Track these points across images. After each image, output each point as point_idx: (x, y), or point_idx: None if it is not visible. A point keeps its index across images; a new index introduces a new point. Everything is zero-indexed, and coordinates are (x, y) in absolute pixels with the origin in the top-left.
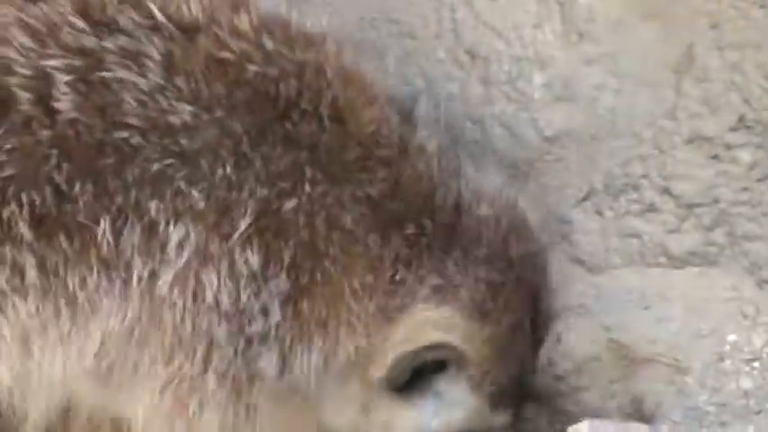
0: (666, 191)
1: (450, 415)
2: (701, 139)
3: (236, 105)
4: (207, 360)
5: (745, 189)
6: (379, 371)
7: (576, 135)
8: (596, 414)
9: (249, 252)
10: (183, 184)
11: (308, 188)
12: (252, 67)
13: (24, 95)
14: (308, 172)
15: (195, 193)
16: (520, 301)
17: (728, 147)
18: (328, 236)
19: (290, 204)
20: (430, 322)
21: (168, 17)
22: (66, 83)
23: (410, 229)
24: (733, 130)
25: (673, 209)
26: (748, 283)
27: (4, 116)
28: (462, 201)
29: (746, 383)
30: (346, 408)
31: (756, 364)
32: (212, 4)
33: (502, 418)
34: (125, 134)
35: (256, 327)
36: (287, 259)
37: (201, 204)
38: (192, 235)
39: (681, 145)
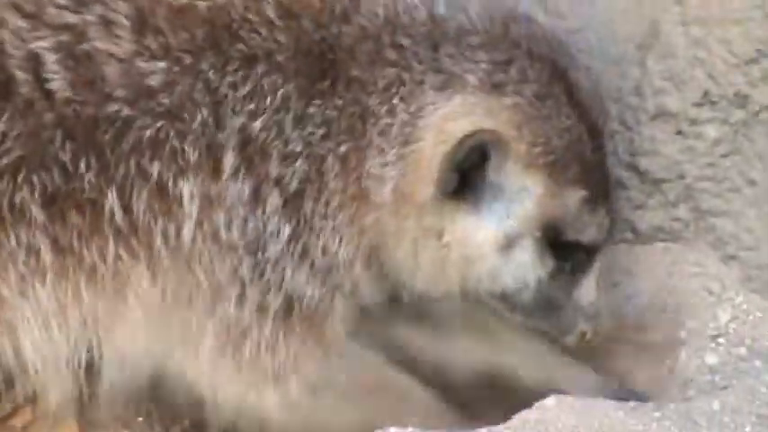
0: (632, 167)
1: (521, 206)
2: (666, 114)
3: (200, 46)
4: (242, 299)
5: (710, 165)
6: (425, 191)
7: None
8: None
9: (240, 183)
10: (175, 142)
11: (269, 100)
12: (203, 4)
13: (23, 77)
14: (267, 81)
15: (186, 146)
16: (538, 72)
17: (693, 122)
18: (301, 132)
19: (258, 124)
20: (448, 116)
21: None
22: (55, 61)
23: (391, 54)
24: (698, 105)
25: (638, 185)
26: (713, 258)
27: (8, 100)
28: (435, 11)
29: (712, 359)
30: (421, 252)
31: (722, 340)
32: None
33: (576, 194)
34: (115, 107)
35: (271, 249)
36: (274, 174)
37: (195, 155)
38: (197, 185)
39: (646, 121)
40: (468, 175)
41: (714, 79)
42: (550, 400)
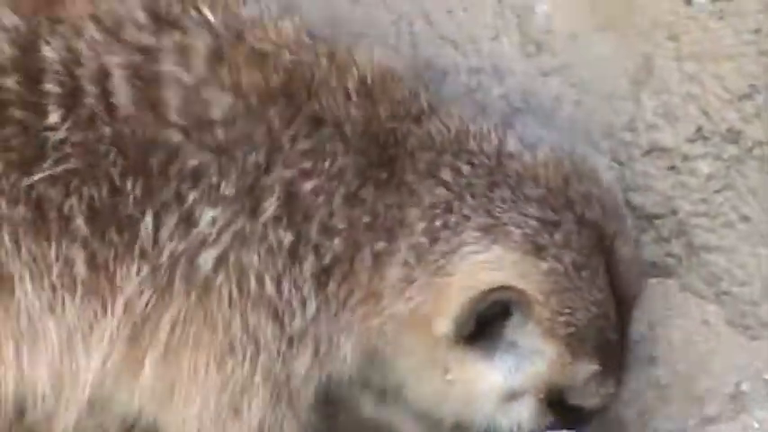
0: (625, 202)
1: (532, 366)
2: (659, 150)
3: (270, 92)
4: (254, 362)
5: (703, 200)
6: (442, 326)
7: None
8: None
9: (281, 231)
10: (215, 178)
11: (326, 164)
12: (288, 56)
13: (91, 89)
14: (329, 146)
15: (227, 182)
16: (584, 240)
17: (686, 158)
18: (348, 211)
19: (309, 185)
20: (482, 265)
21: (220, 17)
22: (123, 78)
23: (446, 175)
24: (691, 141)
25: (631, 220)
26: (707, 294)
27: (73, 109)
28: (504, 147)
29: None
30: (423, 375)
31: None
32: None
33: (588, 367)
34: (170, 132)
35: (296, 324)
36: (314, 239)
37: (233, 191)
38: (225, 217)
39: (639, 156)
40: (486, 323)
41: (707, 115)
42: None
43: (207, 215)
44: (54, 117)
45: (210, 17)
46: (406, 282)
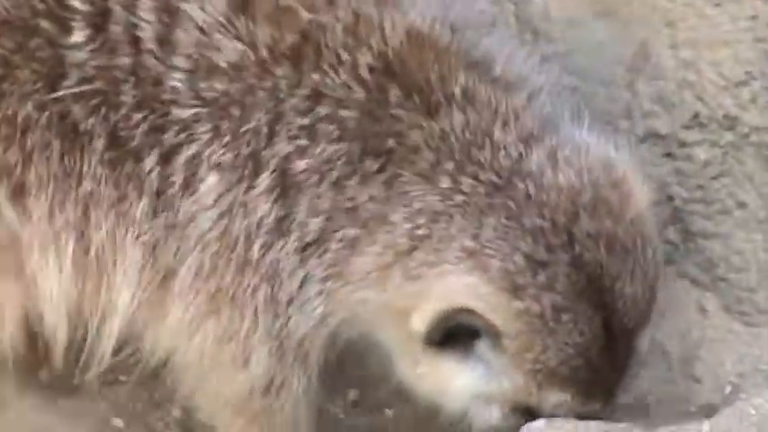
0: None
1: (500, 384)
2: (655, 137)
3: (282, 51)
4: (254, 323)
5: (699, 187)
6: (415, 324)
7: None
8: None
9: (272, 204)
10: (210, 134)
11: (319, 149)
12: (306, 15)
13: (120, 15)
14: (322, 128)
15: (221, 145)
16: (572, 282)
17: (683, 145)
18: (333, 194)
19: (302, 164)
20: (458, 286)
21: None
22: (152, 9)
23: (444, 183)
24: (687, 127)
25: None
26: (703, 281)
27: (99, 32)
28: (521, 164)
29: None
30: (399, 359)
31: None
32: None
33: (558, 395)
34: (175, 75)
35: (285, 291)
36: (300, 217)
37: (230, 157)
38: (223, 184)
39: (636, 143)
40: (460, 334)
41: (704, 101)
42: (540, 423)
43: (208, 179)
44: (78, 36)
45: None
46: (380, 274)
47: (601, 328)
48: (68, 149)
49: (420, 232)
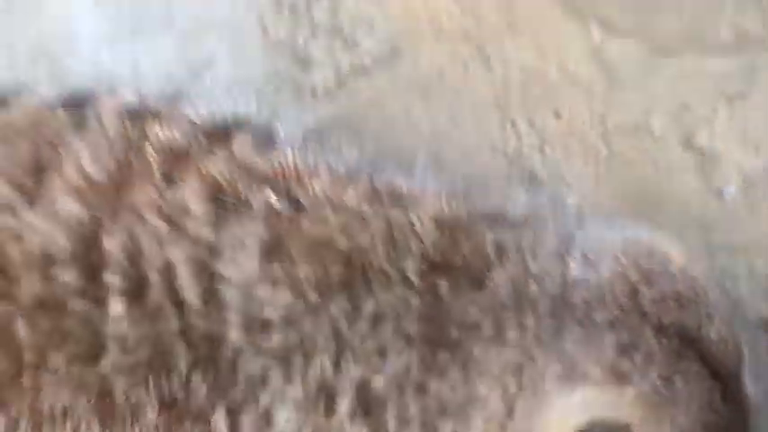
0: None
1: None
2: None
3: (330, 285)
4: None
5: None
6: None
7: None
8: None
9: (357, 426)
10: (280, 381)
11: (390, 364)
12: (345, 242)
13: (157, 282)
14: (391, 345)
15: (293, 386)
16: (666, 348)
17: None
18: (420, 401)
19: (380, 380)
20: (570, 410)
21: (289, 196)
22: (189, 273)
23: (511, 335)
24: None
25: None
26: None
27: (137, 301)
28: (566, 279)
29: None
30: None
31: None
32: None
33: None
34: (232, 332)
35: None
36: (391, 429)
37: (300, 394)
38: (299, 417)
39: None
40: None
41: None
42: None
43: (282, 415)
44: (116, 309)
45: (272, 197)
46: None
47: (710, 378)
48: (110, 426)
49: (512, 391)
